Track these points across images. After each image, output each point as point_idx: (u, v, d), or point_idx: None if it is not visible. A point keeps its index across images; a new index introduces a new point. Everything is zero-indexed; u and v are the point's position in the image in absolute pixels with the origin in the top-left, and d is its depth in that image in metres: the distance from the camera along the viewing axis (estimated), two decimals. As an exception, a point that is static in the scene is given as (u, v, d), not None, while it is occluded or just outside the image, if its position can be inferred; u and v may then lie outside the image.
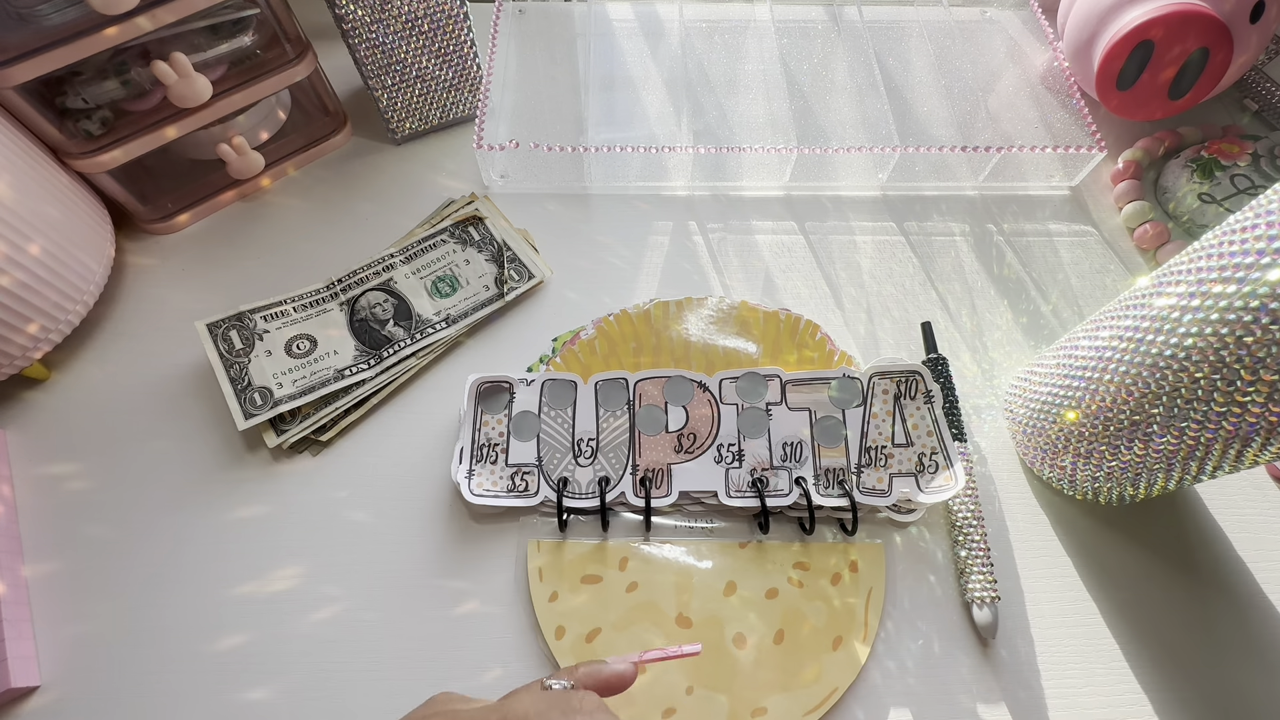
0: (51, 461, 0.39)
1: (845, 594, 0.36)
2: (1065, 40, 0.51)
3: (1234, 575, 0.38)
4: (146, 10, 0.37)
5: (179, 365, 0.42)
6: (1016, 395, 0.40)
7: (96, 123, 0.41)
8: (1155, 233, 0.47)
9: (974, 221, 0.49)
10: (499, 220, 0.47)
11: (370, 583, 0.36)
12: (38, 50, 0.35)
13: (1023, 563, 0.38)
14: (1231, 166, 0.46)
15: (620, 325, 0.42)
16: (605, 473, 0.38)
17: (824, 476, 0.38)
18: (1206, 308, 0.27)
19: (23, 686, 0.32)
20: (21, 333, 0.37)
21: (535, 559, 0.36)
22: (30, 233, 0.36)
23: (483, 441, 0.38)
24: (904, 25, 0.57)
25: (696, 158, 0.47)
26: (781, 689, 0.33)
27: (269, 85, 0.44)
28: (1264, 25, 0.45)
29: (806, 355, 0.41)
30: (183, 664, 0.34)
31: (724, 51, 0.56)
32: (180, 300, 0.44)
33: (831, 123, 0.52)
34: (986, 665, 0.35)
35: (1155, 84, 0.47)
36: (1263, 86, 0.53)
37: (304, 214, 0.48)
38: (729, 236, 0.48)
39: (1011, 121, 0.52)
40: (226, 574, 0.36)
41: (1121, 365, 0.31)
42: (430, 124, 0.51)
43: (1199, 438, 0.29)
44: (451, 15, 0.45)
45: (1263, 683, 0.35)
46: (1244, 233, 0.27)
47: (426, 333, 0.42)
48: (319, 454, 0.40)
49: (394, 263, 0.44)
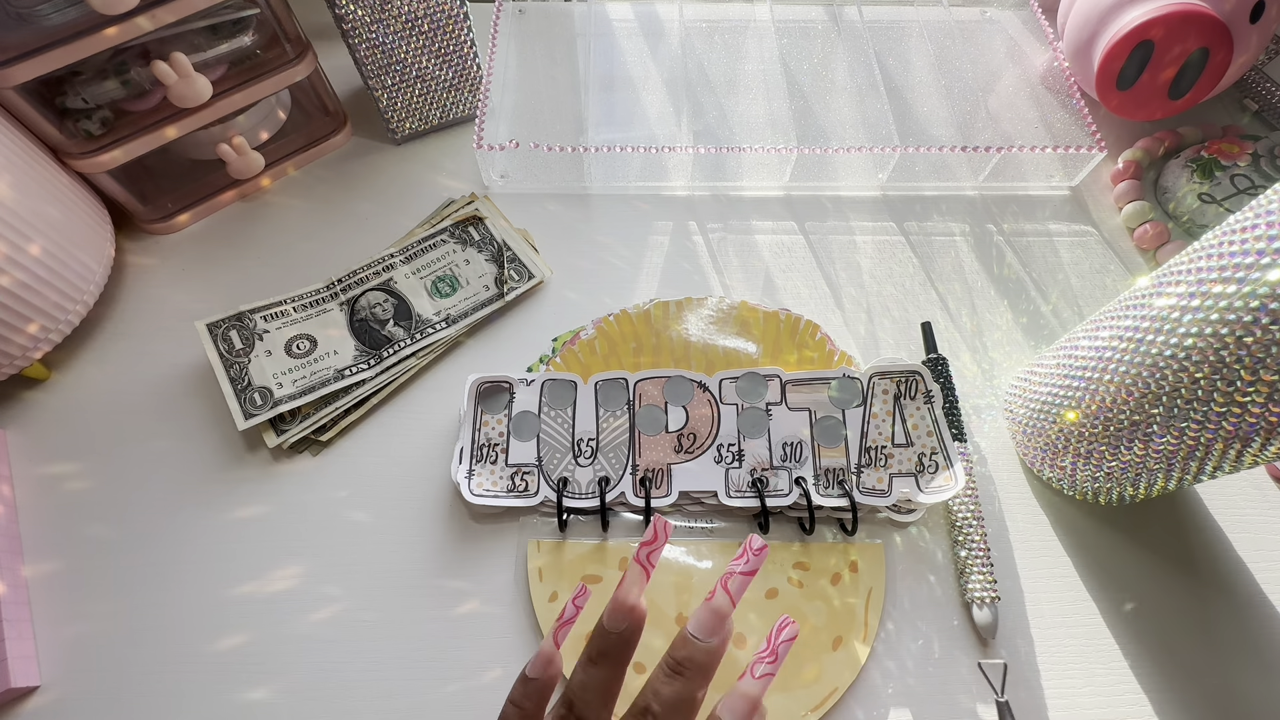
0: (51, 461, 0.39)
1: (845, 594, 0.36)
2: (1065, 40, 0.51)
3: (1234, 575, 0.38)
4: (146, 10, 0.37)
5: (179, 365, 0.42)
6: (1016, 395, 0.40)
7: (96, 123, 0.41)
8: (1155, 233, 0.47)
9: (974, 221, 0.49)
10: (499, 220, 0.47)
11: (370, 583, 0.36)
12: (38, 50, 0.35)
13: (1023, 563, 0.38)
14: (1231, 166, 0.46)
15: (620, 325, 0.42)
16: (605, 473, 0.38)
17: (824, 476, 0.38)
18: (1206, 308, 0.27)
19: (23, 686, 0.32)
20: (21, 333, 0.37)
21: (535, 559, 0.36)
22: (30, 233, 0.36)
23: (483, 441, 0.38)
24: (904, 25, 0.57)
25: (696, 158, 0.47)
26: (781, 689, 0.33)
27: (269, 85, 0.44)
28: (1264, 25, 0.45)
29: (806, 355, 0.41)
30: (183, 664, 0.34)
31: (724, 51, 0.56)
32: (180, 300, 0.44)
33: (831, 123, 0.52)
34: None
35: (1155, 84, 0.47)
36: (1263, 86, 0.53)
37: (304, 214, 0.48)
38: (729, 236, 0.48)
39: (1011, 121, 0.52)
40: (226, 574, 0.36)
41: (1121, 365, 0.31)
42: (430, 124, 0.51)
43: (1199, 438, 0.29)
44: (451, 15, 0.45)
45: (1263, 683, 0.35)
46: (1244, 233, 0.27)
47: (426, 333, 0.42)
48: (319, 454, 0.40)
49: (394, 263, 0.44)
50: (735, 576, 0.25)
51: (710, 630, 0.24)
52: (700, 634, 0.24)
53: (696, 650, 0.24)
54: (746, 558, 0.25)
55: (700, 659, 0.24)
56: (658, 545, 0.26)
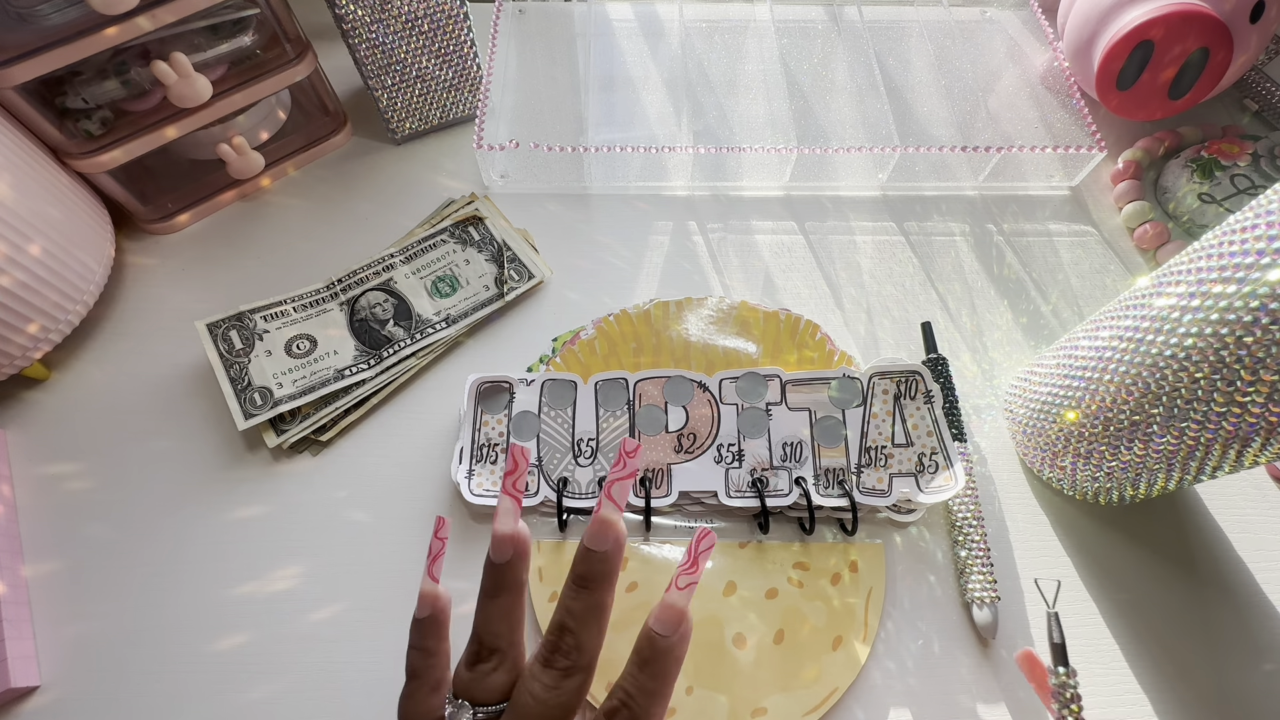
0: (51, 461, 0.39)
1: (845, 594, 0.36)
2: (1065, 40, 0.51)
3: (1234, 575, 0.38)
4: (146, 10, 0.37)
5: (179, 365, 0.42)
6: (1016, 395, 0.40)
7: (96, 123, 0.41)
8: (1155, 233, 0.47)
9: (974, 221, 0.49)
10: (499, 220, 0.47)
11: (370, 583, 0.36)
12: (38, 50, 0.35)
13: (1023, 563, 0.38)
14: (1231, 166, 0.46)
15: (620, 325, 0.42)
16: (605, 473, 0.38)
17: (824, 476, 0.38)
18: (1206, 308, 0.27)
19: (23, 686, 0.32)
20: (21, 333, 0.37)
21: (535, 559, 0.36)
22: (30, 233, 0.36)
23: (483, 441, 0.38)
24: (904, 25, 0.57)
25: (696, 158, 0.47)
26: (781, 689, 0.33)
27: (269, 85, 0.44)
28: (1264, 25, 0.45)
29: (806, 355, 0.41)
30: (183, 664, 0.34)
31: (724, 51, 0.56)
32: (180, 300, 0.44)
33: (831, 123, 0.52)
34: (986, 665, 0.35)
35: (1155, 84, 0.47)
36: (1263, 86, 0.53)
37: (304, 214, 0.48)
38: (729, 236, 0.48)
39: (1011, 121, 0.52)
40: (226, 574, 0.36)
41: (1121, 365, 0.31)
42: (430, 124, 0.51)
43: (1199, 438, 0.29)
44: (451, 15, 0.45)
45: (1263, 683, 0.35)
46: (1244, 233, 0.27)
47: (426, 333, 0.42)
48: (319, 454, 0.40)
49: (394, 263, 0.44)
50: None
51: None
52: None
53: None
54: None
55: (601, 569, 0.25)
56: (519, 473, 0.26)
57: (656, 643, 0.24)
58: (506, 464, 0.27)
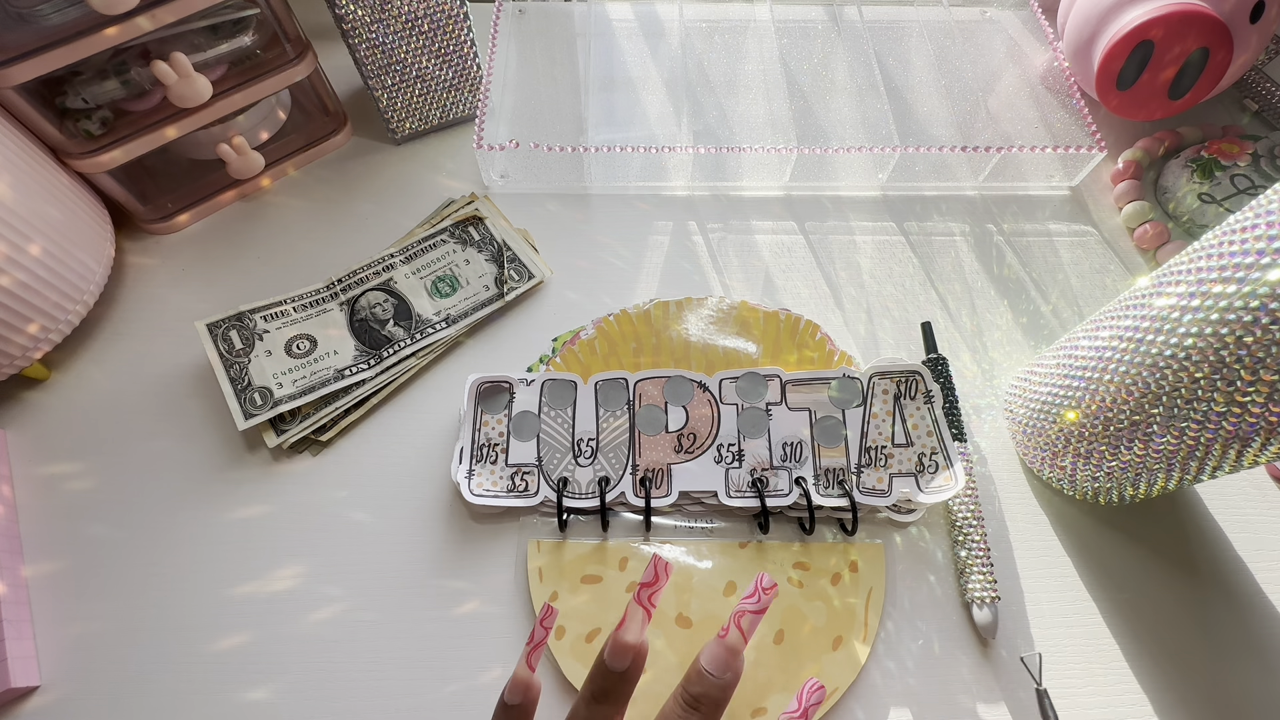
0: (51, 461, 0.39)
1: (845, 594, 0.36)
2: (1065, 40, 0.51)
3: (1234, 575, 0.38)
4: (146, 10, 0.37)
5: (179, 365, 0.42)
6: (1016, 395, 0.40)
7: (96, 123, 0.41)
8: (1155, 233, 0.47)
9: (974, 221, 0.49)
10: (499, 220, 0.47)
11: (370, 583, 0.36)
12: (38, 50, 0.35)
13: (1023, 563, 0.38)
14: (1231, 166, 0.46)
15: (620, 325, 0.42)
16: (605, 473, 0.38)
17: (824, 476, 0.38)
18: (1206, 308, 0.27)
19: (23, 686, 0.32)
20: (21, 333, 0.37)
21: (535, 559, 0.36)
22: (30, 233, 0.36)
23: (483, 441, 0.38)
24: (904, 25, 0.57)
25: (696, 158, 0.47)
26: (781, 689, 0.33)
27: (269, 85, 0.44)
28: (1264, 25, 0.45)
29: (806, 355, 0.41)
30: (183, 664, 0.34)
31: (724, 51, 0.56)
32: (180, 300, 0.44)
33: (831, 123, 0.52)
34: (986, 665, 0.35)
35: (1155, 84, 0.47)
36: (1263, 86, 0.53)
37: (304, 214, 0.48)
38: (729, 236, 0.48)
39: (1011, 121, 0.52)
40: (226, 574, 0.36)
41: (1121, 365, 0.31)
42: (430, 124, 0.51)
43: (1199, 438, 0.29)
44: (451, 15, 0.45)
45: (1263, 683, 0.35)
46: (1244, 233, 0.27)
47: (426, 333, 0.42)
48: (319, 454, 0.40)
49: (394, 263, 0.44)
50: (747, 615, 0.26)
51: (724, 666, 0.25)
52: (714, 670, 0.25)
53: (711, 686, 0.25)
54: (758, 596, 0.26)
55: (714, 694, 0.25)
56: (658, 587, 0.26)
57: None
58: (647, 574, 0.26)
